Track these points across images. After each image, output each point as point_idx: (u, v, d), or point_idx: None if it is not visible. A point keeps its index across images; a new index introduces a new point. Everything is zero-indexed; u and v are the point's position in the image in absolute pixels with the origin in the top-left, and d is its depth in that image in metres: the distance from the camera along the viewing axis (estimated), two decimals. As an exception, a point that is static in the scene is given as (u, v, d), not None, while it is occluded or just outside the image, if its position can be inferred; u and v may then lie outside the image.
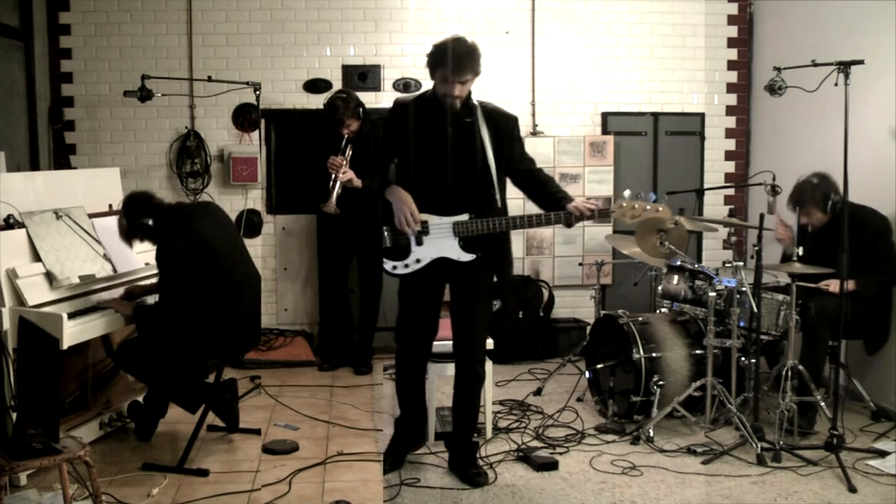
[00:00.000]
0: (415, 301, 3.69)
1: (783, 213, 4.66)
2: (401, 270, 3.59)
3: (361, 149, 5.14)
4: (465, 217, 3.51)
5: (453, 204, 3.52)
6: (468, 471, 3.75)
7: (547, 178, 3.65)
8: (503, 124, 3.56)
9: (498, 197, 3.50)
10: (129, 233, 3.75)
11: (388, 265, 3.61)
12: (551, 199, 3.55)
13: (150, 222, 3.68)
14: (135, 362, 3.84)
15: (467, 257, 3.54)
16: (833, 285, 4.32)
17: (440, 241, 3.53)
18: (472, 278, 3.62)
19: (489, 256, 3.61)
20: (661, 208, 3.48)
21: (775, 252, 4.99)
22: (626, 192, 3.50)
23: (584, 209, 3.43)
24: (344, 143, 5.10)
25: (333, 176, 5.02)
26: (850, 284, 4.18)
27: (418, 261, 3.56)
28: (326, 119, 5.25)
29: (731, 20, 6.27)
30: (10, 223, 3.68)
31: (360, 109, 5.21)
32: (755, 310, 4.14)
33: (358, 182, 5.02)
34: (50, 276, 3.64)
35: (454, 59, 3.35)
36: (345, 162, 5.03)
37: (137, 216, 3.70)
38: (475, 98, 3.58)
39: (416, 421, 3.92)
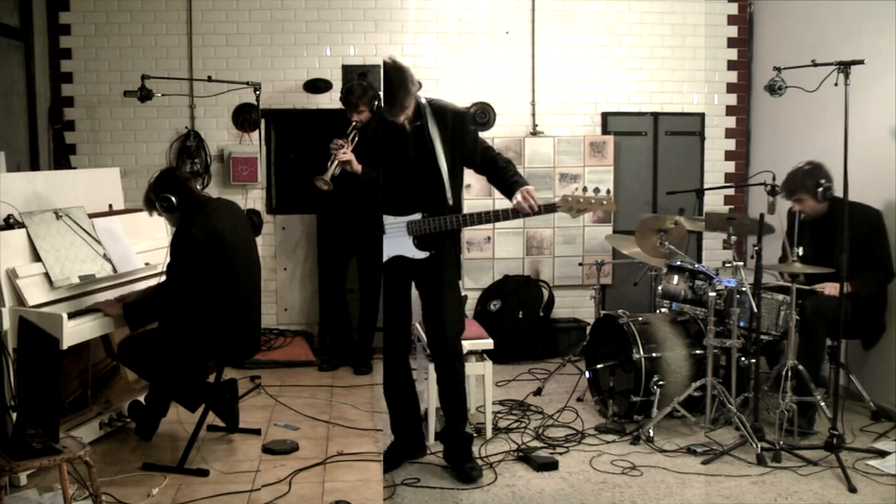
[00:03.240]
0: (386, 299, 3.87)
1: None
2: None
3: (366, 141, 5.13)
4: (417, 216, 3.65)
5: (407, 204, 3.68)
6: (462, 464, 3.78)
7: (505, 163, 3.75)
8: (452, 120, 3.67)
9: (449, 195, 3.62)
10: (151, 202, 3.73)
11: None
12: (505, 184, 3.69)
13: (175, 199, 3.67)
14: (136, 358, 3.83)
15: (421, 255, 3.69)
16: (828, 288, 4.33)
17: (396, 240, 3.71)
18: (433, 275, 3.73)
19: (447, 252, 3.74)
20: (605, 201, 3.59)
21: (775, 252, 5.00)
22: (573, 187, 3.62)
23: (527, 205, 3.54)
24: (350, 128, 5.11)
25: (333, 155, 5.02)
26: (847, 287, 4.18)
27: None
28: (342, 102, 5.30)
29: (731, 20, 6.28)
30: (10, 223, 3.68)
31: (375, 102, 5.24)
32: (755, 310, 4.14)
33: (357, 166, 4.99)
34: (50, 276, 3.64)
35: (387, 94, 3.53)
36: (347, 145, 5.03)
37: (165, 188, 3.69)
38: (423, 98, 3.68)
39: (409, 422, 3.94)
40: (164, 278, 3.77)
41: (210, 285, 3.61)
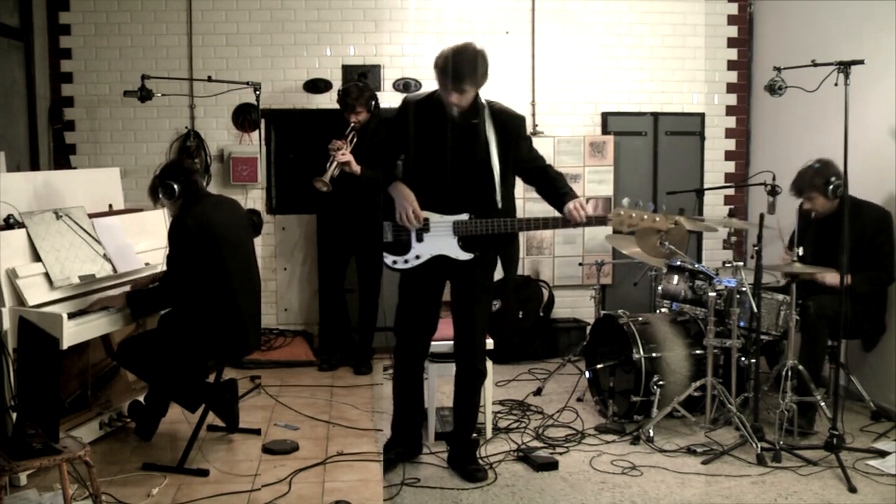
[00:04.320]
0: (414, 296, 3.74)
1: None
2: (400, 265, 3.65)
3: (365, 142, 5.15)
4: (465, 217, 3.56)
5: (454, 203, 3.57)
6: (467, 466, 3.78)
7: (556, 175, 3.70)
8: (510, 125, 3.60)
9: (499, 198, 3.53)
10: (155, 189, 3.76)
11: (388, 259, 3.68)
12: (557, 196, 3.62)
13: (177, 187, 3.69)
14: (135, 359, 3.84)
15: (465, 256, 3.59)
16: (829, 277, 4.32)
17: (440, 239, 3.59)
18: (471, 277, 3.66)
19: (490, 256, 3.67)
20: (658, 218, 3.53)
21: (775, 252, 4.99)
22: (625, 201, 3.55)
23: (578, 216, 3.50)
24: (349, 129, 5.12)
25: (332, 157, 5.03)
26: (847, 279, 4.17)
27: (417, 257, 3.62)
28: (339, 103, 5.30)
29: (731, 20, 6.28)
30: (10, 223, 3.68)
31: (373, 103, 5.26)
32: (755, 310, 4.14)
33: (356, 167, 5.00)
34: (50, 276, 3.64)
35: (453, 69, 3.39)
36: (346, 146, 5.04)
37: (170, 177, 3.72)
38: (483, 98, 3.60)
39: (412, 423, 3.94)
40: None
41: (202, 277, 3.61)
